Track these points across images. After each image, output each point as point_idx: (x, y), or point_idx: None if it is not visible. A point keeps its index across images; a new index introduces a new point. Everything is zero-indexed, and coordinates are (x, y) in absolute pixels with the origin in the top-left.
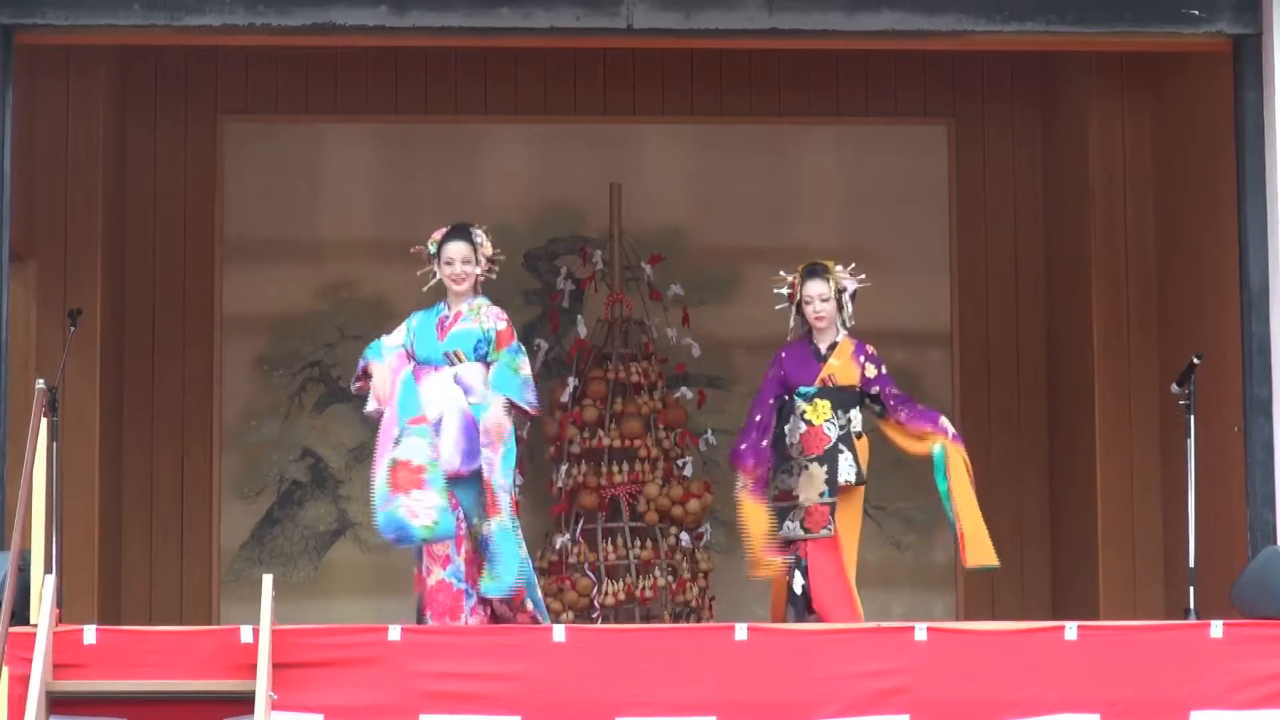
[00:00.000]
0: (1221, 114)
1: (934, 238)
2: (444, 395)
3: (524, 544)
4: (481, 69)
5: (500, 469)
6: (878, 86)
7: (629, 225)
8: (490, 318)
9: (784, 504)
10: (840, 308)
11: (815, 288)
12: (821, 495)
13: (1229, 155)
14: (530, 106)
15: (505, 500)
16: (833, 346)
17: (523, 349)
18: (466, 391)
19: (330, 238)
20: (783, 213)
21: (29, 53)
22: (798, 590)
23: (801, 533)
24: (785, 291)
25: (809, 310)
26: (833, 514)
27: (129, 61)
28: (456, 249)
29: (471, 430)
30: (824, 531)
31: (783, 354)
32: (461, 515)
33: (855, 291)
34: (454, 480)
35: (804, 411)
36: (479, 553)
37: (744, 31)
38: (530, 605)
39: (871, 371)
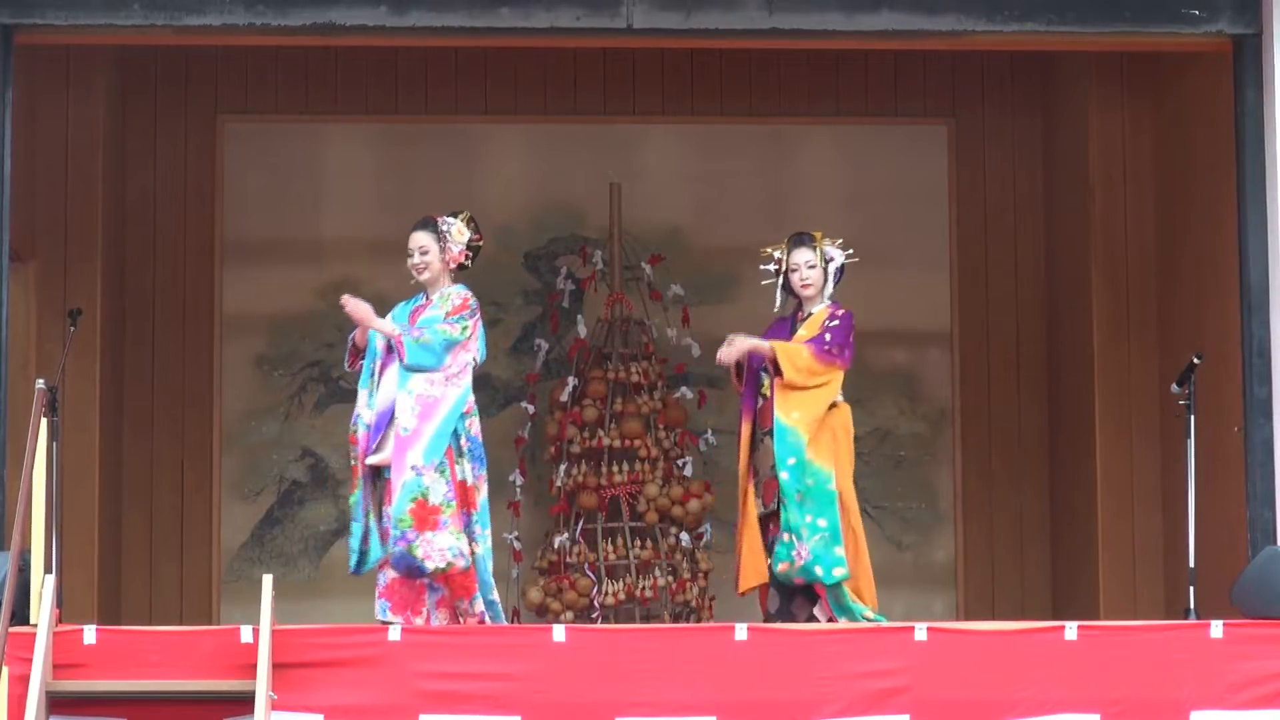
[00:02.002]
0: (1221, 114)
1: (934, 237)
2: (396, 382)
3: (460, 535)
4: (481, 69)
5: (419, 445)
6: (878, 86)
7: (629, 225)
8: (453, 298)
9: (755, 480)
10: (826, 278)
11: (802, 255)
12: (773, 469)
13: (1229, 155)
14: (530, 106)
15: (407, 473)
16: (808, 317)
17: (465, 320)
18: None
19: (330, 238)
20: (783, 213)
21: (29, 53)
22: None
23: (762, 508)
24: (772, 268)
25: (795, 278)
26: None
27: (129, 61)
28: (415, 239)
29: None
30: (774, 506)
31: (773, 325)
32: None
33: (843, 266)
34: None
35: (763, 385)
36: None
37: (744, 31)
38: (479, 606)
39: (825, 326)
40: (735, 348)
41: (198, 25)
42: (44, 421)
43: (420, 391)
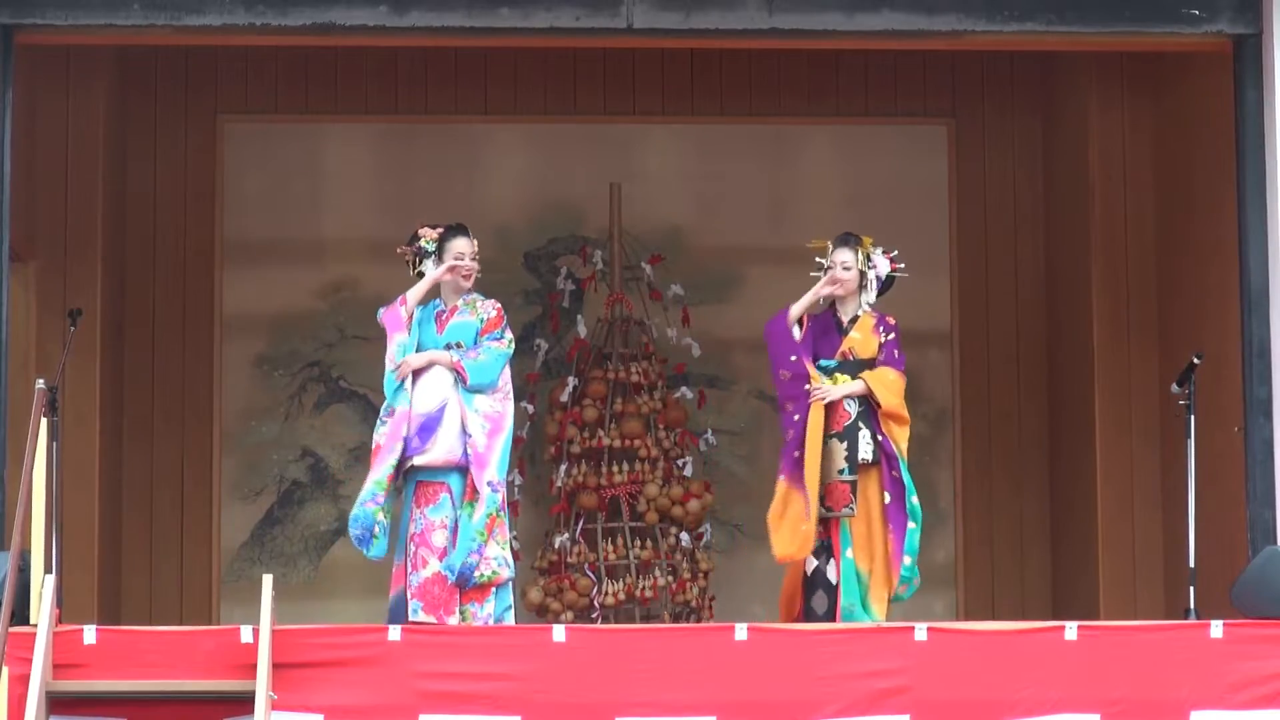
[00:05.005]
0: (1221, 114)
1: (934, 238)
2: (444, 386)
3: (505, 544)
4: (481, 69)
5: (493, 461)
6: (878, 86)
7: (629, 225)
8: (485, 307)
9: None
10: (864, 285)
11: (842, 255)
12: (841, 473)
13: (1229, 155)
14: (530, 106)
15: (486, 489)
16: (854, 320)
17: (507, 333)
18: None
19: (330, 238)
20: (783, 213)
21: (29, 53)
22: (833, 580)
23: (824, 511)
24: (823, 261)
25: (834, 274)
26: (854, 492)
27: (129, 62)
28: (465, 244)
29: (466, 419)
30: (845, 511)
31: (810, 322)
32: (446, 512)
33: (889, 278)
34: (447, 469)
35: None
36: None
37: (744, 31)
38: (487, 610)
39: (883, 338)
40: (833, 394)
41: (198, 25)
42: (44, 421)
43: (486, 410)
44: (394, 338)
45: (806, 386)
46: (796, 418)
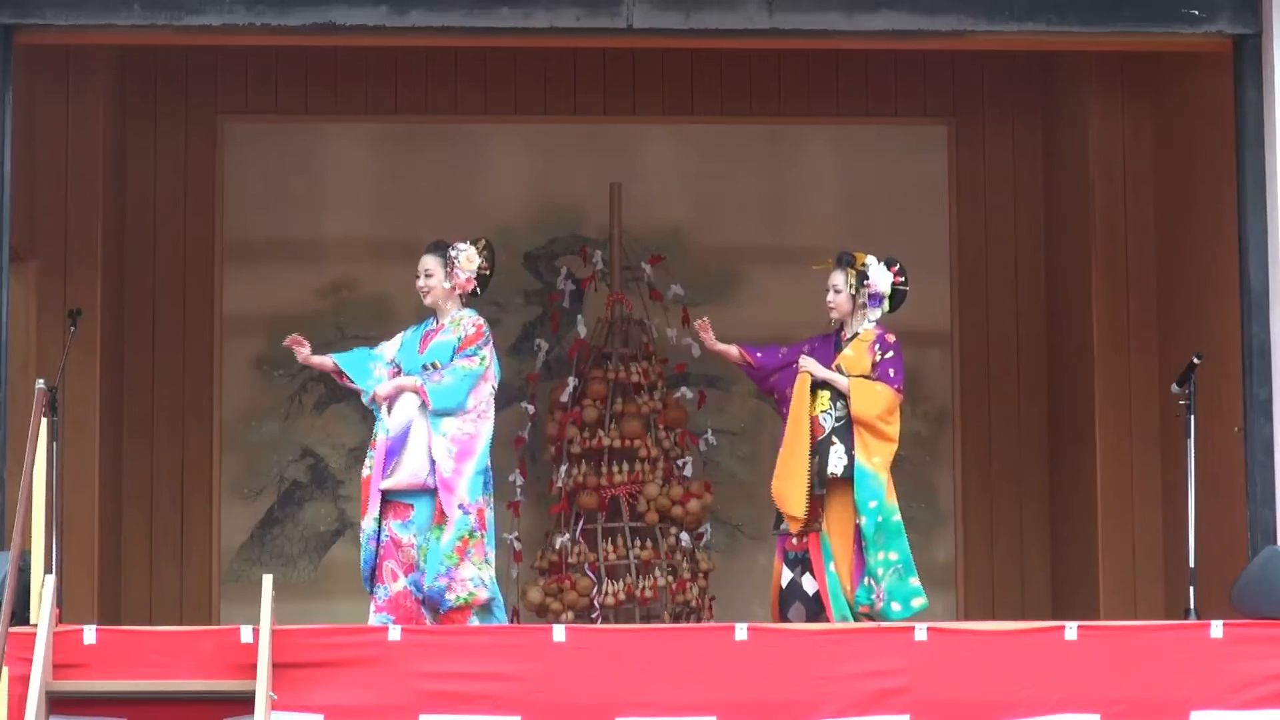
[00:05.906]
0: (1221, 114)
1: (934, 238)
2: (410, 409)
3: (484, 564)
4: (481, 69)
5: (462, 484)
6: (878, 86)
7: (629, 225)
8: (466, 324)
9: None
10: (856, 303)
11: (832, 277)
12: (812, 488)
13: (1229, 155)
14: (530, 107)
15: (456, 513)
16: (853, 337)
17: (481, 351)
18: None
19: (330, 238)
20: (783, 213)
21: (29, 53)
22: (809, 591)
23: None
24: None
25: (827, 297)
26: (824, 507)
27: (129, 61)
28: (422, 262)
29: (431, 443)
30: (813, 525)
31: (816, 341)
32: (415, 531)
33: (894, 294)
34: (414, 492)
35: (810, 401)
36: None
37: (744, 31)
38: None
39: (878, 356)
40: (810, 371)
41: (198, 25)
42: (44, 421)
43: (453, 433)
44: (361, 391)
45: (794, 366)
46: (789, 392)
